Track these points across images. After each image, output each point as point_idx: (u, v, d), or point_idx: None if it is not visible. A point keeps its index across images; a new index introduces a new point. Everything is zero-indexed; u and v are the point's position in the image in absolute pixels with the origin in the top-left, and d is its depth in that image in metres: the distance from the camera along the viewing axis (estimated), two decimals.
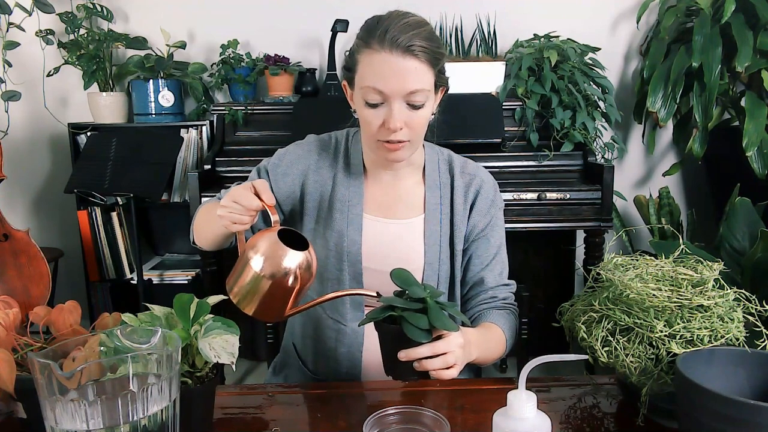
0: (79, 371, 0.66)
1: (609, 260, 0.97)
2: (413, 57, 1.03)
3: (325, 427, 0.91)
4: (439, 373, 0.89)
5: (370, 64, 1.04)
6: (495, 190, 1.23)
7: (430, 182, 1.21)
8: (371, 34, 1.04)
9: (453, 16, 2.66)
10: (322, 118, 2.37)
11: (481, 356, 1.03)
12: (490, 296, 1.20)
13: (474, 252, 1.21)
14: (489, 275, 1.20)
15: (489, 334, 1.11)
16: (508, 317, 1.18)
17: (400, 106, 1.05)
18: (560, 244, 2.66)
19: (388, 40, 1.02)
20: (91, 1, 2.66)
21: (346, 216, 1.18)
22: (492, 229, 1.21)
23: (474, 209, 1.20)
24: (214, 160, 2.44)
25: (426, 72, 1.05)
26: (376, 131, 1.07)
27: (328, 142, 1.25)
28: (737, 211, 2.03)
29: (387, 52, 1.02)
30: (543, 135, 2.39)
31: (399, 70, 1.03)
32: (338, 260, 1.17)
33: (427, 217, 1.19)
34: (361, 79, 1.07)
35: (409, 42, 1.02)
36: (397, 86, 1.03)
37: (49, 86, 2.75)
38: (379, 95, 1.04)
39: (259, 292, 0.87)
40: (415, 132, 1.08)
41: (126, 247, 2.70)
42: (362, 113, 1.09)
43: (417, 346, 0.86)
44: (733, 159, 2.33)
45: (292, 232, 0.91)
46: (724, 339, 0.83)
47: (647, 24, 2.72)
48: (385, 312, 0.88)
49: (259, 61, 2.63)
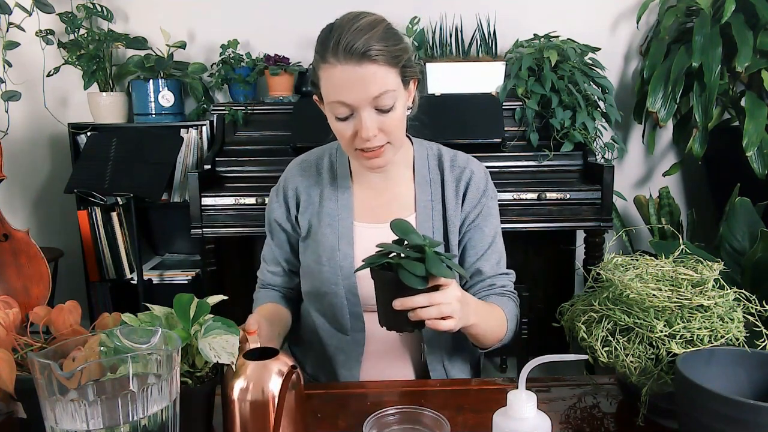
0: (79, 371, 0.65)
1: (609, 260, 0.97)
2: (371, 62, 1.00)
3: (325, 427, 0.91)
4: (435, 323, 0.88)
5: (330, 78, 1.02)
6: (486, 179, 1.22)
7: (419, 179, 1.20)
8: (325, 47, 1.02)
9: (453, 16, 2.66)
10: (322, 118, 2.36)
11: (480, 325, 1.02)
12: (489, 284, 1.19)
13: (468, 242, 1.19)
14: (485, 265, 1.18)
15: (489, 307, 1.10)
16: (507, 302, 1.17)
17: (369, 113, 1.02)
18: (560, 244, 2.65)
19: (341, 50, 0.99)
20: (91, 1, 2.66)
21: (336, 230, 1.17)
22: (485, 219, 1.19)
23: (465, 200, 1.19)
24: (214, 160, 2.44)
25: (387, 73, 1.02)
26: (350, 141, 1.06)
27: (309, 160, 1.24)
28: (737, 211, 2.03)
29: (343, 63, 1.00)
30: (543, 135, 2.39)
31: (358, 79, 1.00)
32: (333, 275, 1.15)
33: (418, 216, 1.18)
34: (326, 95, 1.05)
35: (363, 48, 0.99)
36: (360, 95, 1.01)
37: (49, 86, 2.75)
38: (346, 108, 1.03)
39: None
40: (391, 134, 1.06)
41: (126, 247, 2.70)
42: (334, 127, 1.08)
43: (413, 295, 0.85)
44: (733, 159, 2.33)
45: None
46: (724, 339, 0.83)
47: (647, 24, 2.72)
48: (382, 258, 0.87)
49: (259, 61, 2.63)
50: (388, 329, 0.91)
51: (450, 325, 0.90)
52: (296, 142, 2.32)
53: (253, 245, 2.75)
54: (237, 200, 2.30)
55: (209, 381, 0.85)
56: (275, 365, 0.81)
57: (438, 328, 0.89)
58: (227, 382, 0.81)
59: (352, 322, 1.18)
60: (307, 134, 2.33)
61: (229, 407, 0.81)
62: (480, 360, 1.33)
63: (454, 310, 0.89)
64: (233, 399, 0.80)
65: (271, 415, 0.79)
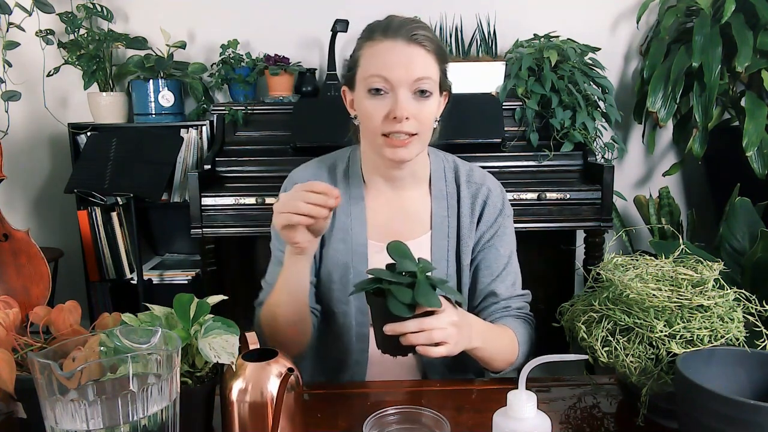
0: (79, 371, 0.65)
1: (609, 260, 0.97)
2: (418, 45, 1.00)
3: (325, 427, 0.91)
4: (425, 350, 0.85)
5: (373, 54, 1.01)
6: (503, 198, 1.17)
7: (436, 192, 1.15)
8: (373, 29, 1.03)
9: (453, 16, 2.66)
10: (322, 118, 2.37)
11: (486, 349, 0.98)
12: (503, 306, 1.14)
13: (482, 262, 1.15)
14: (501, 286, 1.14)
15: (497, 330, 1.06)
16: (521, 325, 1.12)
17: (406, 95, 1.00)
18: (560, 244, 2.65)
19: (392, 30, 1.00)
20: (91, 1, 2.66)
21: (350, 246, 1.12)
22: (500, 239, 1.15)
23: (482, 219, 1.15)
24: (214, 160, 2.43)
25: (432, 63, 1.02)
26: (380, 123, 1.00)
27: (321, 166, 1.18)
28: (737, 211, 2.03)
29: (391, 40, 0.99)
30: (543, 135, 2.39)
31: (404, 56, 0.99)
32: (343, 294, 1.11)
33: (434, 234, 1.13)
34: (364, 71, 1.02)
35: (413, 31, 1.00)
36: (403, 73, 0.99)
37: (49, 86, 2.74)
38: (385, 82, 0.99)
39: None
40: (422, 125, 1.02)
41: (126, 247, 2.69)
42: (364, 106, 1.02)
43: (404, 320, 0.83)
44: (733, 159, 2.33)
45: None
46: (724, 339, 0.83)
47: (647, 24, 2.71)
48: (374, 283, 0.86)
49: (259, 61, 2.63)
50: (383, 353, 0.90)
51: (442, 351, 0.86)
52: (296, 142, 2.33)
53: (253, 245, 2.75)
54: (237, 200, 2.30)
55: (209, 381, 0.85)
56: (274, 367, 0.81)
57: (429, 355, 0.86)
58: (226, 383, 0.81)
59: (357, 343, 1.14)
60: (307, 134, 2.34)
61: (228, 408, 0.81)
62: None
63: (448, 336, 0.86)
64: (232, 400, 0.80)
65: (270, 417, 0.79)
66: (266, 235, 1.28)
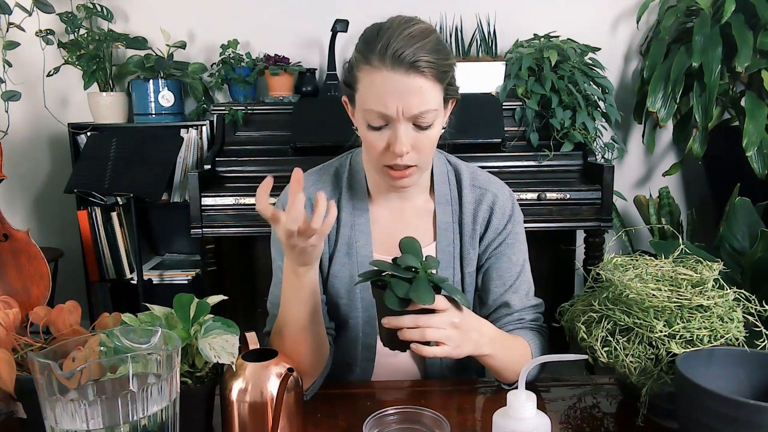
0: (79, 371, 0.65)
1: (609, 260, 0.97)
2: (419, 74, 0.92)
3: (325, 427, 0.91)
4: (418, 348, 0.83)
5: (371, 84, 0.94)
6: (512, 203, 1.12)
7: (440, 198, 1.11)
8: (371, 48, 0.93)
9: (453, 16, 2.66)
10: (322, 118, 2.37)
11: (497, 357, 0.96)
12: (517, 318, 1.10)
13: (494, 271, 1.10)
14: (514, 297, 1.09)
15: (511, 339, 1.03)
16: (536, 336, 1.08)
17: (406, 128, 0.95)
18: (560, 244, 2.65)
19: (389, 56, 0.91)
20: (91, 1, 2.66)
21: (355, 260, 1.09)
22: (511, 247, 1.11)
23: (489, 227, 1.10)
24: (214, 160, 2.44)
25: (433, 89, 0.95)
26: (380, 155, 0.98)
27: (324, 175, 1.13)
28: (737, 211, 2.03)
29: (389, 69, 0.91)
30: (543, 135, 2.39)
31: (403, 90, 0.92)
32: (350, 308, 1.09)
33: (438, 243, 1.10)
34: (362, 101, 0.97)
35: (413, 57, 0.91)
36: (401, 109, 0.93)
37: (49, 86, 2.75)
38: (383, 119, 0.95)
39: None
40: (423, 154, 0.99)
41: (126, 247, 2.70)
42: (365, 136, 0.99)
43: (402, 314, 0.82)
44: (733, 159, 2.33)
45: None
46: (724, 339, 0.83)
47: (647, 24, 2.72)
48: (376, 274, 0.86)
49: (259, 61, 2.63)
50: (384, 345, 0.89)
51: (437, 352, 0.84)
52: (296, 142, 2.33)
53: (253, 245, 2.75)
54: (237, 200, 2.30)
55: (209, 381, 0.85)
56: (274, 367, 0.81)
57: (420, 353, 0.83)
58: (226, 383, 0.81)
59: (363, 352, 1.13)
60: (307, 134, 2.34)
61: (228, 408, 0.81)
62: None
63: (447, 337, 0.84)
64: (232, 400, 0.80)
65: (270, 417, 0.79)
66: (266, 235, 1.28)
